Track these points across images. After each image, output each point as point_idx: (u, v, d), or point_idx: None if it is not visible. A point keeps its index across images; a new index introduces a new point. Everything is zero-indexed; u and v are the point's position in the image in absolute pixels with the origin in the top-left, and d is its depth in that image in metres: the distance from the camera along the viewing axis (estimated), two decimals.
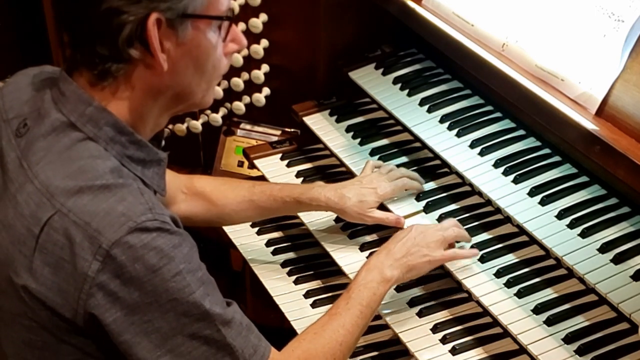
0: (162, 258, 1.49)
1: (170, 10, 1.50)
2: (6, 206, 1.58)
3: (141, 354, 1.53)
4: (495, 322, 1.88)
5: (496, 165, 2.09)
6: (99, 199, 1.49)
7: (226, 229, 2.39)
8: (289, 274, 2.25)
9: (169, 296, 1.50)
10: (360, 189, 2.15)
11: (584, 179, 2.02)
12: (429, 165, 2.27)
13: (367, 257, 2.11)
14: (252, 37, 2.60)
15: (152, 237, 1.48)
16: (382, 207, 2.16)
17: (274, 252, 2.32)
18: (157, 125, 1.67)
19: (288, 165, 2.47)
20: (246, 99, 2.69)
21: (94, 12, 1.49)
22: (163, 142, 1.77)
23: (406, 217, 2.13)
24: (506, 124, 2.21)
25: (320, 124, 2.47)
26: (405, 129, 2.32)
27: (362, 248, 2.17)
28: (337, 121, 2.46)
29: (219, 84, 2.67)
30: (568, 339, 1.77)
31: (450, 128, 2.21)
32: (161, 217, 1.51)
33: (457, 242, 2.02)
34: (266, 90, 2.68)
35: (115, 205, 1.49)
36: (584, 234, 1.87)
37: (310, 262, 2.29)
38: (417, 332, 1.95)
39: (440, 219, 2.08)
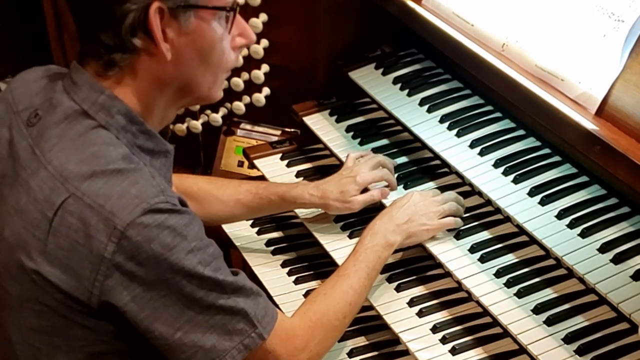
0: (176, 237, 1.53)
1: None
2: (18, 192, 1.61)
3: (162, 328, 1.58)
4: (495, 322, 1.88)
5: (496, 165, 2.09)
6: (112, 183, 1.53)
7: (226, 229, 2.39)
8: (289, 274, 2.25)
9: (184, 273, 1.55)
10: (340, 180, 2.17)
11: (584, 179, 2.02)
12: (429, 165, 2.27)
13: None
14: None
15: (165, 217, 1.53)
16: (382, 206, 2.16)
17: (274, 252, 2.32)
18: (165, 119, 1.70)
19: (288, 165, 2.47)
20: (246, 99, 2.69)
21: (97, 2, 1.52)
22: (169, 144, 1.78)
23: None
24: (506, 124, 2.21)
25: (320, 124, 2.47)
26: (405, 129, 2.32)
27: None
28: (337, 121, 2.46)
29: None
30: (568, 339, 1.77)
31: (450, 128, 2.21)
32: (172, 199, 1.56)
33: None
34: (266, 90, 2.68)
35: (129, 188, 1.53)
36: (584, 234, 1.87)
37: (310, 262, 2.29)
38: (417, 332, 1.95)
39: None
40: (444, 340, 1.92)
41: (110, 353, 1.65)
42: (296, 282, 2.22)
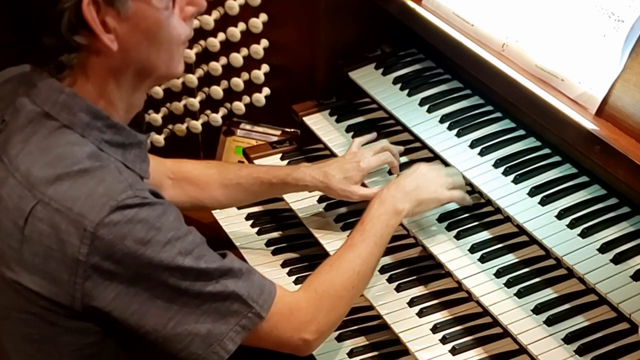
0: (150, 230, 1.51)
1: None
2: None
3: (152, 321, 1.56)
4: (495, 322, 1.88)
5: (496, 165, 2.09)
6: (78, 184, 1.51)
7: (226, 229, 2.39)
8: (289, 273, 2.25)
9: (164, 266, 1.53)
10: (344, 164, 2.16)
11: (584, 179, 2.02)
12: None
13: None
14: (252, 37, 2.60)
15: (135, 211, 1.50)
16: None
17: (274, 252, 2.32)
18: (132, 106, 1.66)
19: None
20: (246, 99, 2.69)
21: (31, 6, 1.49)
22: (157, 138, 1.75)
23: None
24: (506, 124, 2.21)
25: (320, 124, 2.47)
26: (405, 129, 2.32)
27: None
28: (337, 121, 2.46)
29: (218, 84, 2.68)
30: (568, 339, 1.77)
31: (450, 128, 2.21)
32: (141, 192, 1.53)
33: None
34: (266, 90, 2.68)
35: (95, 187, 1.50)
36: (584, 234, 1.87)
37: (310, 262, 2.28)
38: (417, 332, 1.95)
39: (440, 218, 2.08)
40: (444, 340, 1.92)
41: (100, 354, 1.65)
42: (296, 282, 2.22)
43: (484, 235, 2.04)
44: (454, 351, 1.89)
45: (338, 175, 2.13)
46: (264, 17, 2.57)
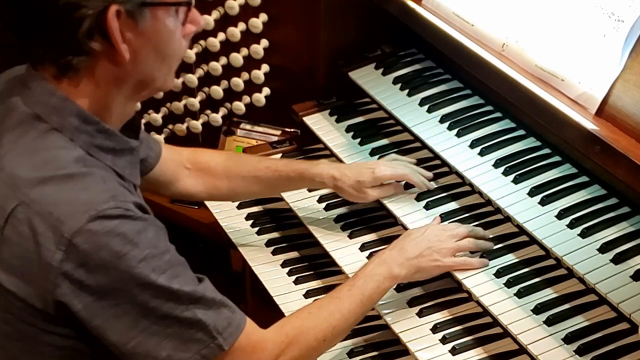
0: (127, 244, 1.49)
1: (129, 0, 1.50)
2: None
3: (114, 337, 1.55)
4: (495, 322, 1.88)
5: (496, 165, 2.09)
6: (62, 189, 1.50)
7: (226, 229, 2.39)
8: (289, 273, 2.25)
9: (136, 281, 1.51)
10: (360, 169, 2.17)
11: (584, 179, 2.02)
12: (429, 165, 2.27)
13: (367, 258, 2.12)
14: (252, 37, 2.60)
15: (115, 224, 1.49)
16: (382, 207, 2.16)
17: (274, 252, 2.32)
18: (125, 114, 1.67)
19: None
20: (246, 99, 2.69)
21: (52, 7, 1.49)
22: (156, 140, 1.74)
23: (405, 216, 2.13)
24: (506, 124, 2.21)
25: (320, 124, 2.47)
26: (405, 129, 2.32)
27: (362, 248, 2.17)
28: (337, 121, 2.46)
29: (218, 84, 2.68)
30: (568, 339, 1.77)
31: (450, 128, 2.21)
32: (124, 204, 1.52)
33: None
34: (266, 90, 2.68)
35: (78, 194, 1.50)
36: (584, 234, 1.87)
37: (310, 262, 2.29)
38: (417, 332, 1.95)
39: (440, 219, 2.08)
40: (444, 340, 1.92)
41: (82, 356, 1.63)
42: (296, 282, 2.22)
43: None
44: (454, 351, 1.89)
45: (352, 178, 2.15)
46: (264, 17, 2.57)
